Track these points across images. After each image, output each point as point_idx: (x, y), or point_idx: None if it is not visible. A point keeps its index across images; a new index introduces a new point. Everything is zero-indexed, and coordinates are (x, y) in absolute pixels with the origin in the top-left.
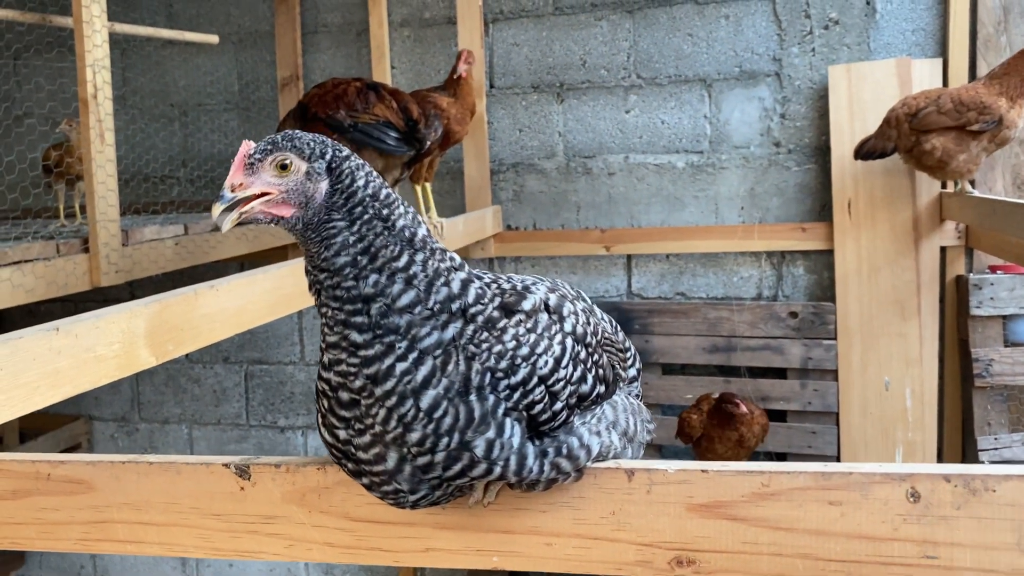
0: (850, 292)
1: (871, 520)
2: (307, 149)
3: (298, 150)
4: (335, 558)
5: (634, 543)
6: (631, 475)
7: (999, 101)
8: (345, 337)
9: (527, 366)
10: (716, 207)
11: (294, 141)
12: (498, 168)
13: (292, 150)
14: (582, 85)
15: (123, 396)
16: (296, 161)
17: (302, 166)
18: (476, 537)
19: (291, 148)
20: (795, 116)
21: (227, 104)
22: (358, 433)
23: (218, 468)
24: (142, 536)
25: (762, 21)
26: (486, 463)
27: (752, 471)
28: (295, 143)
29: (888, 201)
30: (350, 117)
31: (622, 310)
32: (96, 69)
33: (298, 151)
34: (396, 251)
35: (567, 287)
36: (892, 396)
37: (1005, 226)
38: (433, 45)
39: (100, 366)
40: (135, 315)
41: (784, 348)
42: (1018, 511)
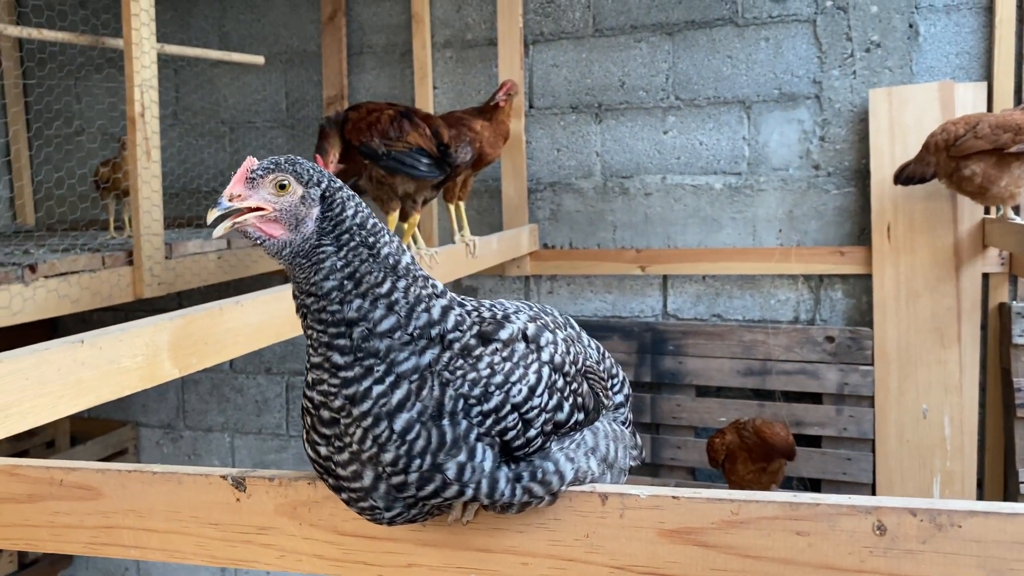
0: (888, 317)
1: (838, 551)
2: (305, 175)
3: (297, 175)
4: (323, 570)
5: (607, 566)
6: (605, 499)
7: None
8: (328, 358)
9: (500, 394)
10: (754, 229)
11: (295, 166)
12: (535, 187)
13: (292, 173)
14: (620, 106)
15: (169, 404)
16: (294, 184)
17: (299, 189)
18: (456, 555)
19: (291, 171)
20: (835, 139)
21: (274, 122)
22: (337, 450)
23: (216, 480)
24: (145, 542)
25: (802, 44)
26: (458, 485)
27: (722, 499)
28: (296, 168)
29: (928, 226)
30: (384, 145)
31: (656, 331)
32: (144, 89)
33: (297, 175)
34: (380, 277)
35: (555, 314)
36: (930, 424)
37: None
38: (474, 66)
39: (123, 377)
40: (160, 329)
41: (820, 373)
42: (983, 547)
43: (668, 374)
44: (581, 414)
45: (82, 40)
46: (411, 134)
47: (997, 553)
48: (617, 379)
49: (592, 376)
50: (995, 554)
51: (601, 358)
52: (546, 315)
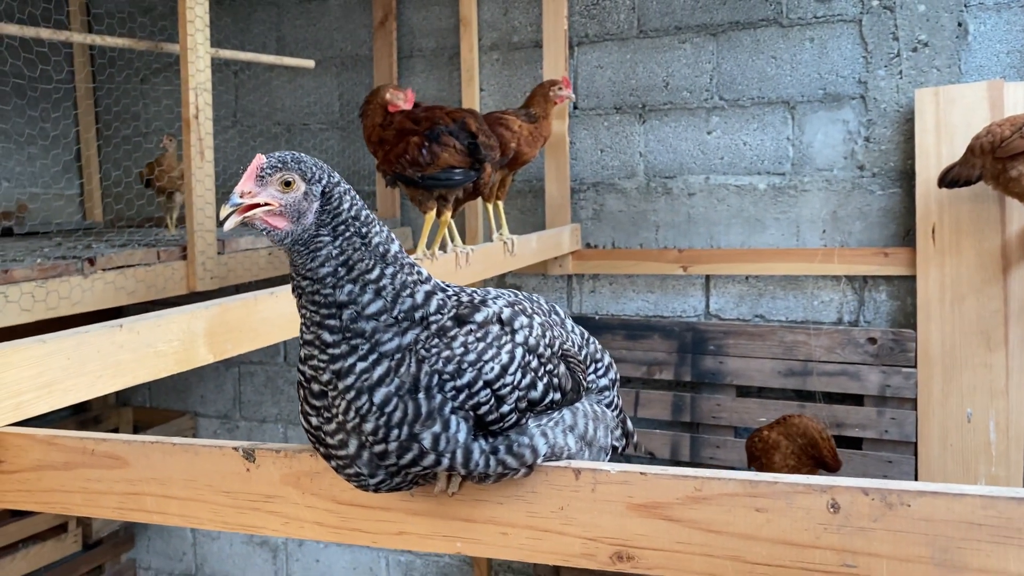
0: (932, 320)
1: (794, 527)
2: (309, 172)
3: (302, 172)
4: (323, 536)
5: (580, 537)
6: (578, 474)
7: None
8: (318, 336)
9: (473, 370)
10: (797, 229)
11: (300, 164)
12: (579, 187)
13: (297, 171)
14: (664, 106)
15: (226, 395)
16: (299, 181)
17: (302, 186)
18: (443, 524)
19: (296, 170)
20: (880, 139)
21: (327, 124)
22: (326, 421)
23: (229, 451)
24: (166, 508)
25: (848, 43)
26: (434, 454)
27: (686, 475)
28: (301, 166)
29: (975, 228)
30: (418, 172)
31: (697, 331)
32: (198, 92)
33: (301, 173)
34: (370, 264)
35: (541, 301)
36: (974, 428)
37: None
38: (520, 68)
39: (160, 360)
40: (195, 316)
41: (861, 374)
42: (932, 526)
43: (708, 374)
44: (557, 394)
45: (141, 45)
46: (441, 156)
47: (944, 532)
48: (602, 364)
49: (572, 359)
50: (942, 532)
51: (584, 343)
52: (530, 303)
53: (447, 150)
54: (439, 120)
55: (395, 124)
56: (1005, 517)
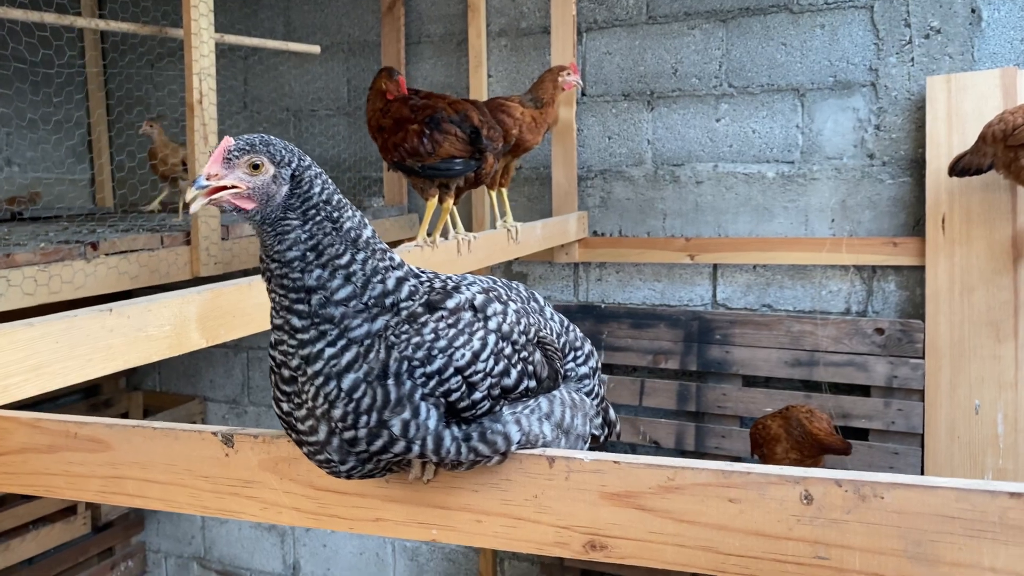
0: (941, 310)
1: (767, 519)
2: (278, 155)
3: (270, 155)
4: (301, 522)
5: (553, 525)
6: (552, 462)
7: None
8: (287, 321)
9: (443, 357)
10: (806, 218)
11: (269, 147)
12: (586, 175)
13: (266, 154)
14: (673, 93)
15: (235, 381)
16: (267, 164)
17: (271, 169)
18: (418, 511)
19: (265, 152)
20: (891, 128)
21: (335, 109)
22: (296, 407)
23: (208, 436)
24: (147, 492)
25: (859, 30)
26: (404, 441)
27: (660, 465)
28: (270, 149)
29: (985, 217)
30: (417, 162)
31: (703, 320)
32: (202, 77)
33: (270, 156)
34: (341, 250)
35: (520, 288)
36: (982, 420)
37: None
38: (528, 54)
39: (151, 344)
40: (187, 301)
41: (868, 365)
42: (905, 518)
43: (714, 363)
44: (532, 381)
45: (145, 30)
46: (442, 145)
47: (917, 524)
48: (582, 352)
49: (549, 347)
50: (915, 525)
51: (564, 331)
52: (507, 289)
53: (448, 139)
54: (440, 109)
55: (392, 112)
56: (979, 511)
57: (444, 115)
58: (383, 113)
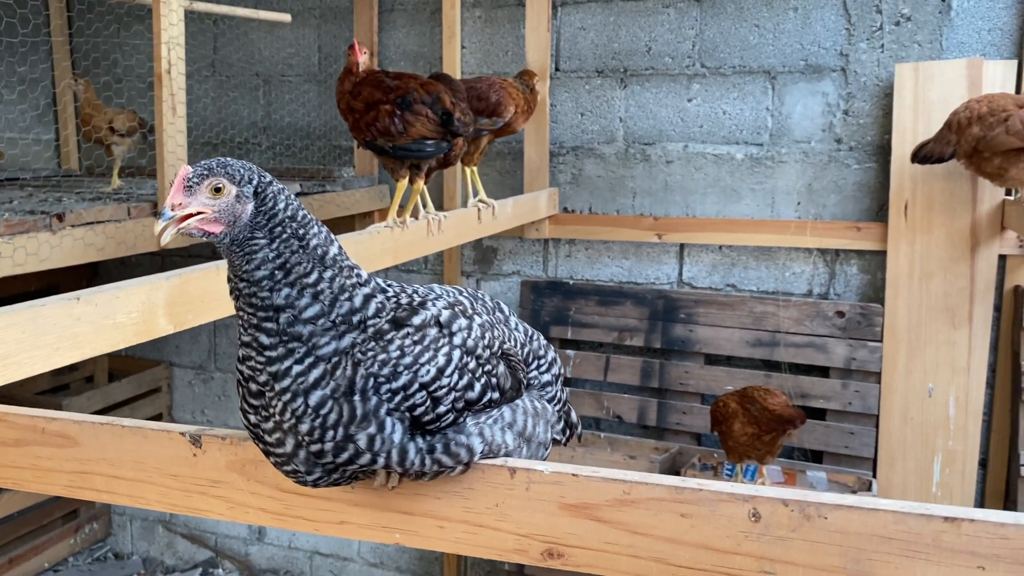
0: (900, 295)
1: (717, 534)
2: (237, 175)
3: (230, 176)
4: (267, 522)
5: (513, 533)
6: (513, 473)
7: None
8: (256, 339)
9: (408, 373)
10: (772, 201)
11: (227, 168)
12: (558, 151)
13: (225, 176)
14: (646, 72)
15: (201, 346)
16: (228, 185)
17: (232, 189)
18: (382, 515)
19: (224, 174)
20: (859, 113)
21: (307, 75)
22: (264, 419)
23: (176, 436)
24: (115, 488)
25: (831, 15)
26: (370, 454)
27: (616, 479)
28: (227, 170)
29: (947, 206)
30: (388, 142)
31: (669, 299)
32: (171, 46)
33: (230, 176)
34: (308, 268)
35: (486, 299)
36: (935, 403)
37: None
38: (503, 26)
39: (118, 332)
40: (155, 287)
41: (828, 347)
42: (846, 538)
43: (678, 341)
44: (495, 393)
45: None
46: (414, 126)
47: (857, 544)
48: (545, 360)
49: (512, 358)
50: (855, 545)
51: (528, 340)
52: (472, 301)
53: (420, 120)
54: (411, 90)
55: (364, 95)
56: (915, 532)
57: (415, 96)
58: (353, 95)
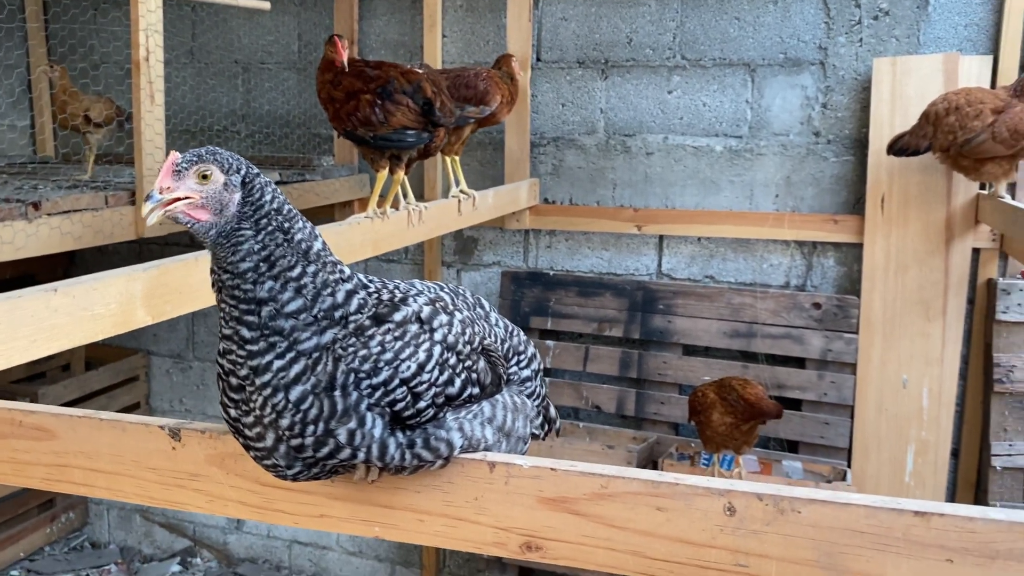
0: (876, 288)
1: (692, 527)
2: (226, 164)
3: (219, 163)
4: (246, 515)
5: (492, 527)
6: (492, 467)
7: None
8: (237, 332)
9: (389, 369)
10: (751, 193)
11: (216, 156)
12: (539, 141)
13: (214, 163)
14: (627, 63)
15: (179, 335)
16: (216, 172)
17: (220, 177)
18: (362, 509)
19: (213, 161)
20: (837, 106)
21: (286, 63)
22: (244, 413)
23: (155, 429)
24: (93, 481)
25: (810, 8)
26: (350, 449)
27: (594, 473)
28: (216, 157)
29: (922, 199)
30: (369, 132)
31: (648, 290)
32: (149, 33)
33: (219, 164)
34: (292, 261)
35: (467, 295)
36: (909, 394)
37: None
38: (484, 16)
39: (96, 323)
40: (133, 279)
41: (805, 338)
42: (819, 532)
43: (657, 332)
44: (476, 388)
45: None
46: (395, 116)
47: (830, 538)
48: (525, 355)
49: (492, 353)
50: (828, 538)
51: (508, 335)
52: (453, 297)
53: (401, 109)
54: (392, 79)
55: (344, 84)
56: (885, 526)
57: (396, 85)
58: (334, 85)
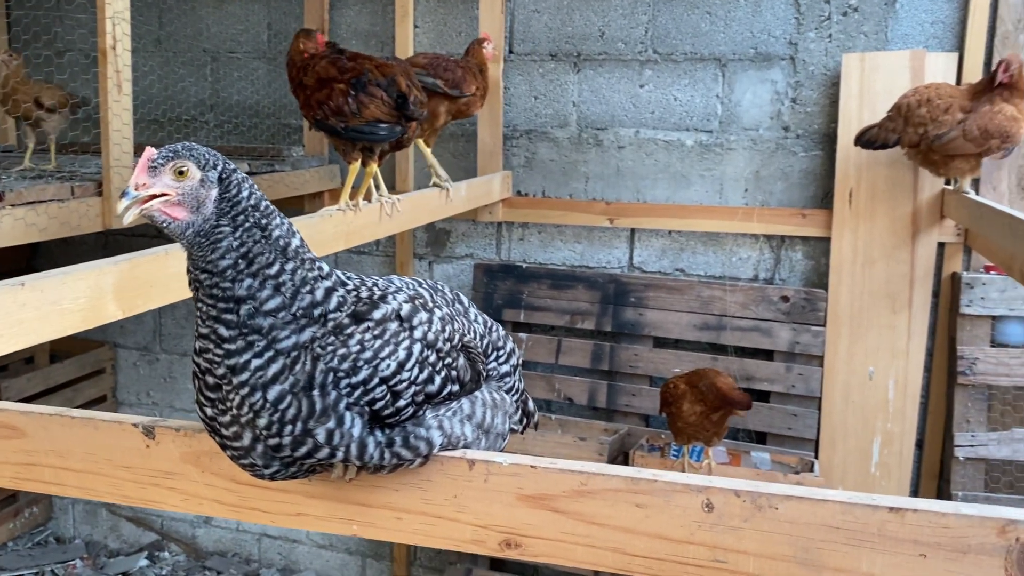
0: (843, 281)
1: (671, 524)
2: (202, 160)
3: (195, 159)
4: (222, 513)
5: (471, 524)
6: (472, 465)
7: (1018, 125)
8: (214, 331)
9: (368, 368)
10: (721, 187)
11: (192, 152)
12: (511, 134)
13: (190, 159)
14: (599, 56)
15: (146, 327)
16: (192, 169)
17: (197, 174)
18: (339, 507)
19: (189, 157)
20: (806, 101)
21: (256, 53)
22: (221, 413)
23: (128, 427)
24: (64, 480)
25: (781, 4)
26: (328, 448)
27: (574, 470)
28: (192, 153)
29: (889, 194)
30: (341, 122)
31: (620, 282)
32: (116, 21)
33: (195, 160)
34: (270, 259)
35: (445, 290)
36: (875, 386)
37: (990, 232)
38: (455, 7)
39: (65, 318)
40: (104, 272)
41: (773, 331)
42: (796, 528)
43: (628, 324)
44: (455, 385)
45: None
46: (368, 108)
47: (806, 534)
48: (504, 351)
49: (472, 350)
50: (804, 534)
51: (487, 331)
52: (432, 293)
53: (374, 102)
54: (367, 71)
55: (317, 70)
56: (861, 522)
57: (370, 77)
58: (304, 71)
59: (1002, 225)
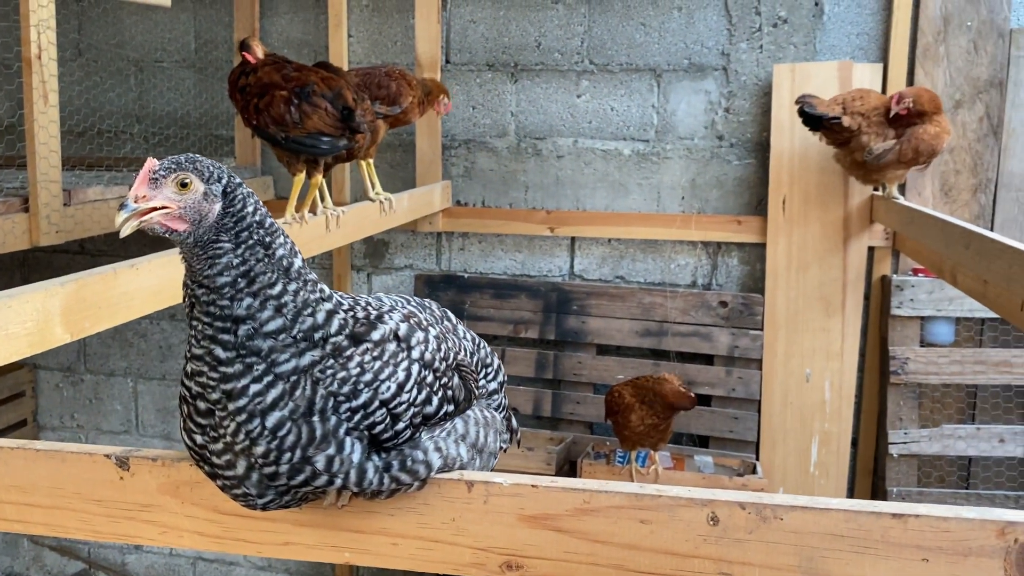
0: (779, 286)
1: (676, 538)
2: (207, 172)
3: (199, 172)
4: (204, 546)
5: (470, 547)
6: (471, 486)
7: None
8: (210, 351)
9: (369, 391)
10: (659, 195)
11: (196, 164)
12: (450, 144)
13: (193, 171)
14: (536, 67)
15: (69, 347)
16: (196, 182)
17: (200, 187)
18: (331, 534)
19: (192, 169)
20: (739, 111)
21: (183, 62)
22: (212, 440)
23: (100, 458)
24: (28, 517)
25: (713, 15)
26: (327, 475)
27: (576, 488)
28: (196, 165)
29: (821, 200)
30: (281, 132)
31: (562, 291)
32: (41, 30)
33: (198, 173)
34: (272, 278)
35: (433, 307)
36: (812, 388)
37: (920, 235)
38: (391, 16)
39: (10, 344)
40: (51, 294)
41: (713, 336)
42: (800, 537)
43: (571, 332)
44: (451, 405)
45: None
46: (311, 118)
47: (811, 543)
48: (492, 368)
49: (464, 369)
50: (809, 544)
51: (476, 348)
52: (422, 311)
53: (317, 112)
54: (311, 83)
55: (259, 74)
56: (864, 529)
57: (315, 88)
58: (246, 74)
59: (934, 229)
